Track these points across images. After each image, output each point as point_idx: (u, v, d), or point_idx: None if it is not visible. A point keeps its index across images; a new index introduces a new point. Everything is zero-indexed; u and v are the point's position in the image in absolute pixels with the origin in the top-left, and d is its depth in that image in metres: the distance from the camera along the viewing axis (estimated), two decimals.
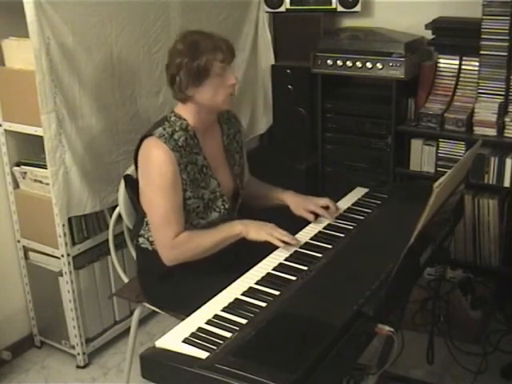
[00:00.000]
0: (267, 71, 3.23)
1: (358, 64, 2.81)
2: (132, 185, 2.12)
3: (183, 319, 1.54)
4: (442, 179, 1.49)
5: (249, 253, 1.85)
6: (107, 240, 2.38)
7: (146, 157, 1.94)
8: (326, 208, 2.11)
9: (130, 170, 2.18)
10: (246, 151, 2.26)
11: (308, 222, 2.06)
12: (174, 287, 2.01)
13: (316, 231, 1.99)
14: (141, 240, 2.10)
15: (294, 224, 2.03)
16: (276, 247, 1.87)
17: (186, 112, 1.99)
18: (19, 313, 2.73)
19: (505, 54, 2.58)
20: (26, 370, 2.66)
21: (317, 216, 2.09)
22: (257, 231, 1.90)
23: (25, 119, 2.39)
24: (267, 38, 3.22)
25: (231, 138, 2.16)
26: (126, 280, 2.35)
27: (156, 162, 1.90)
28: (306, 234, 1.97)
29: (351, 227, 2.01)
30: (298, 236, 1.95)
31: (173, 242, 1.92)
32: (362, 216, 2.10)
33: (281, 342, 1.40)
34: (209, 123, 2.05)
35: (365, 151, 2.97)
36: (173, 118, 1.99)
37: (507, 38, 2.56)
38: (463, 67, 2.78)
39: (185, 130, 1.97)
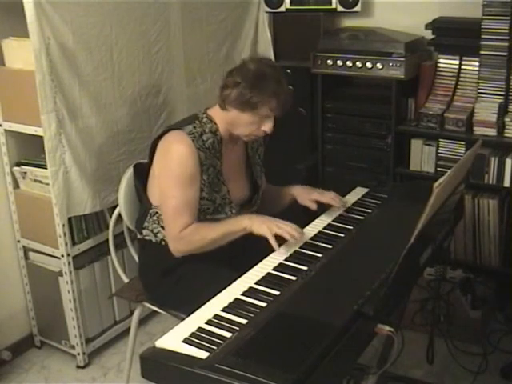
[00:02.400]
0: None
1: (358, 64, 2.81)
2: (140, 174, 2.14)
3: (183, 319, 1.54)
4: (441, 179, 1.49)
5: (249, 252, 1.85)
6: (107, 240, 2.38)
7: (169, 148, 1.96)
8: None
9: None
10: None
11: (310, 220, 2.07)
12: (176, 284, 2.02)
13: (316, 231, 1.99)
14: (145, 232, 2.10)
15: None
16: (278, 246, 1.87)
17: (219, 118, 2.01)
18: (19, 313, 2.73)
19: (505, 53, 2.58)
20: (26, 370, 2.66)
21: (321, 209, 2.11)
22: (259, 226, 1.89)
23: (25, 119, 2.39)
24: (267, 38, 3.22)
25: (254, 151, 2.21)
26: (125, 280, 2.35)
27: (177, 155, 1.93)
28: (306, 234, 1.96)
29: (351, 227, 2.01)
30: None
31: (181, 234, 1.93)
32: (362, 216, 2.10)
33: (281, 342, 1.40)
34: (234, 136, 2.06)
35: (365, 151, 2.97)
36: (204, 119, 2.02)
37: (507, 38, 2.56)
38: (463, 67, 2.78)
39: (213, 134, 2.00)
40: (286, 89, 1.97)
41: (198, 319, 1.51)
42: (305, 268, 1.74)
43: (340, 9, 3.04)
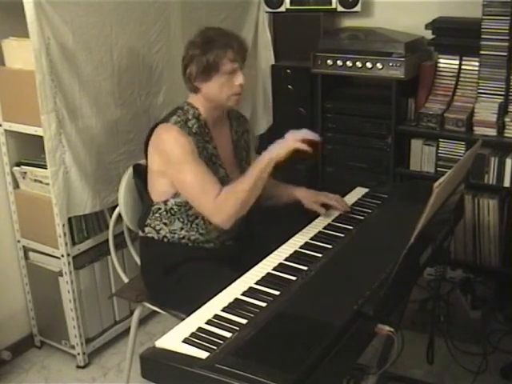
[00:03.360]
0: (267, 71, 3.23)
1: (358, 64, 2.81)
2: (140, 174, 2.16)
3: (183, 319, 1.54)
4: (441, 179, 1.49)
5: (249, 252, 1.85)
6: (107, 240, 2.38)
7: (160, 140, 1.99)
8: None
9: (143, 161, 2.19)
10: (255, 151, 2.29)
11: (313, 219, 2.08)
12: (177, 283, 2.02)
13: (316, 231, 1.99)
14: (147, 230, 2.11)
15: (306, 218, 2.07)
16: (278, 246, 1.87)
17: (197, 102, 2.05)
18: (19, 313, 2.73)
19: (505, 53, 2.58)
20: (26, 369, 2.66)
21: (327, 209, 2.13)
22: (283, 147, 1.92)
23: (25, 119, 2.39)
24: (267, 37, 3.22)
25: (239, 134, 2.21)
26: (125, 280, 2.35)
27: (172, 141, 1.95)
28: (306, 234, 1.97)
29: (351, 227, 2.01)
30: (297, 236, 1.95)
31: (216, 204, 1.92)
32: (362, 216, 2.10)
33: (281, 341, 1.40)
34: (218, 117, 2.10)
35: (365, 151, 2.97)
36: (186, 107, 2.05)
37: (507, 38, 2.56)
38: (463, 67, 2.78)
39: (197, 119, 2.03)
40: (236, 36, 2.02)
41: (198, 319, 1.51)
42: (305, 268, 1.74)
43: (340, 9, 3.04)
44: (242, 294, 1.62)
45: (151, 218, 2.09)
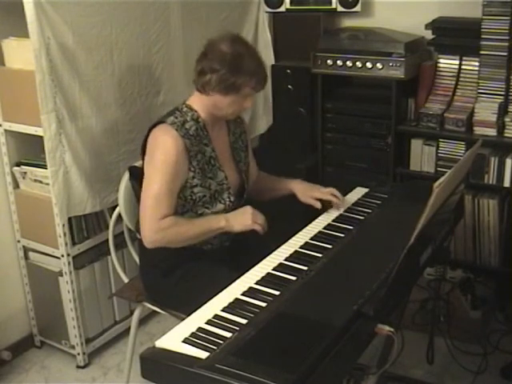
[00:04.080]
0: (267, 71, 3.22)
1: (358, 64, 2.81)
2: (137, 177, 2.14)
3: (183, 319, 1.54)
4: (441, 179, 1.49)
5: (249, 252, 1.85)
6: (107, 240, 2.38)
7: (155, 141, 1.97)
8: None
9: (139, 163, 2.18)
10: (252, 151, 2.29)
11: (313, 219, 2.08)
12: (176, 284, 2.02)
13: (316, 231, 1.99)
14: None
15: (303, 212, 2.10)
16: (278, 246, 1.88)
17: (199, 104, 2.03)
18: (19, 313, 2.73)
19: (505, 53, 2.58)
20: (26, 369, 2.66)
21: (323, 206, 2.13)
22: (241, 223, 1.95)
23: (25, 119, 2.39)
24: (267, 37, 3.22)
25: (237, 136, 2.20)
26: (125, 280, 2.35)
27: (162, 145, 1.93)
28: (306, 234, 1.97)
29: (351, 227, 2.01)
30: (297, 236, 1.95)
31: (157, 224, 1.91)
32: (362, 216, 2.10)
33: (281, 342, 1.40)
34: (217, 120, 2.08)
35: (365, 151, 2.97)
36: (184, 109, 2.03)
37: (507, 38, 2.56)
38: (463, 67, 2.78)
39: (195, 121, 2.01)
40: (263, 64, 2.01)
41: (198, 319, 1.51)
42: (305, 268, 1.74)
43: (340, 9, 3.04)
44: (242, 294, 1.62)
45: None
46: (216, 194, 2.03)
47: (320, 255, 1.82)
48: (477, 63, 2.68)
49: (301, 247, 1.88)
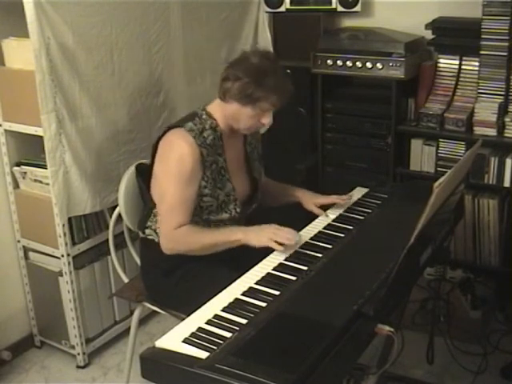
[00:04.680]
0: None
1: (358, 64, 2.81)
2: (143, 174, 2.14)
3: (183, 319, 1.54)
4: (441, 179, 1.49)
5: (250, 252, 1.85)
6: (107, 240, 2.38)
7: (170, 145, 1.96)
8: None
9: (146, 161, 2.17)
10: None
11: (313, 219, 2.08)
12: (176, 284, 2.02)
13: (316, 231, 1.99)
14: (147, 231, 2.10)
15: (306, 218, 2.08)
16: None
17: (218, 113, 2.02)
18: (19, 313, 2.73)
19: (505, 53, 2.58)
20: (26, 369, 2.66)
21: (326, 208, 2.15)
22: (257, 238, 1.87)
23: (25, 119, 2.39)
24: (267, 38, 3.22)
25: (253, 147, 2.21)
26: (125, 280, 2.35)
27: (178, 152, 1.93)
28: (306, 234, 1.97)
29: (351, 227, 2.01)
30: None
31: (173, 232, 1.93)
32: (362, 216, 2.10)
33: (281, 342, 1.40)
34: (235, 130, 2.07)
35: (365, 151, 2.97)
36: (204, 116, 2.02)
37: (507, 38, 2.56)
38: (463, 67, 2.78)
39: (213, 130, 2.00)
40: (287, 83, 1.99)
41: (198, 319, 1.51)
42: (305, 268, 1.74)
43: (340, 9, 3.04)
44: (242, 294, 1.62)
45: (152, 220, 2.08)
46: (223, 204, 2.04)
47: (320, 255, 1.82)
48: (477, 63, 2.68)
49: (301, 247, 1.88)
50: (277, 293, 1.61)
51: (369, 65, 2.79)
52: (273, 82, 1.92)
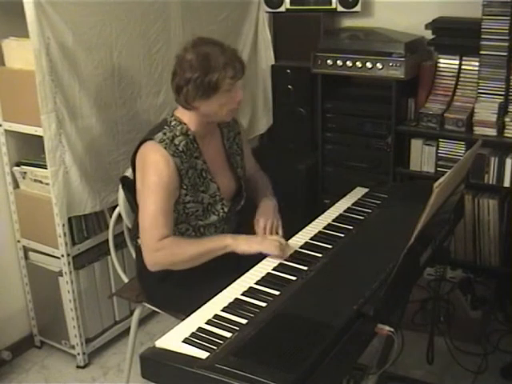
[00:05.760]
0: (267, 71, 3.23)
1: (358, 64, 2.81)
2: (129, 186, 2.12)
3: (183, 319, 1.54)
4: (441, 179, 1.49)
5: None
6: (107, 240, 2.38)
7: (144, 160, 1.93)
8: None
9: (129, 172, 2.17)
10: (249, 150, 2.26)
11: (313, 219, 2.07)
12: (174, 288, 2.01)
13: (316, 231, 1.99)
14: (139, 241, 2.09)
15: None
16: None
17: (187, 117, 1.98)
18: (19, 313, 2.73)
19: (505, 53, 2.58)
20: (26, 369, 2.66)
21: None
22: (247, 244, 1.86)
23: (25, 119, 2.39)
24: (267, 38, 3.22)
25: (231, 140, 2.16)
26: (125, 280, 2.35)
27: (153, 165, 1.89)
28: (306, 234, 1.97)
29: (351, 227, 2.01)
30: (297, 236, 1.95)
31: (157, 244, 1.87)
32: (362, 216, 2.10)
33: (281, 342, 1.40)
34: (209, 129, 2.05)
35: (365, 151, 2.97)
36: (173, 123, 1.98)
37: (507, 38, 2.56)
38: (463, 67, 2.78)
39: (185, 135, 1.96)
40: (234, 52, 1.92)
41: (198, 319, 1.51)
42: (305, 268, 1.74)
43: (340, 9, 3.04)
44: (242, 294, 1.62)
45: None
46: (209, 206, 2.01)
47: (320, 255, 1.82)
48: (477, 63, 2.68)
49: (301, 247, 1.88)
50: (277, 293, 1.61)
51: (369, 65, 2.79)
52: (219, 60, 1.86)
